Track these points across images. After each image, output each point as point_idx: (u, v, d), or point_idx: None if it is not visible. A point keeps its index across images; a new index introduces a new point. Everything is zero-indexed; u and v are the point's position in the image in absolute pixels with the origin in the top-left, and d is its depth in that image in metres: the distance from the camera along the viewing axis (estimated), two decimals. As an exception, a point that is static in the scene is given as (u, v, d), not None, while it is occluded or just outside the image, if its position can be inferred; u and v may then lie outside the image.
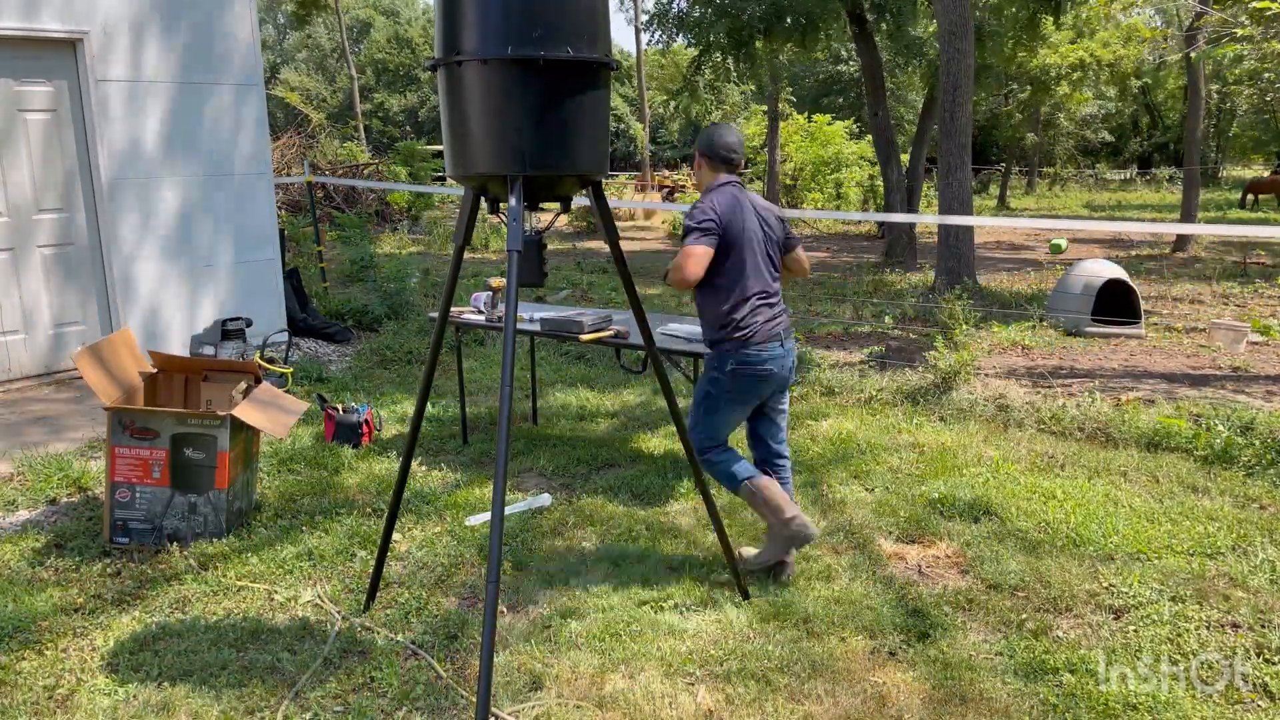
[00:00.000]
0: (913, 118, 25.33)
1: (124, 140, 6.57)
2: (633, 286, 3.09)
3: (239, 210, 7.24)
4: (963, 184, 10.60)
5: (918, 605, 3.44)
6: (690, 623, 3.32)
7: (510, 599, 3.53)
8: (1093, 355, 7.65)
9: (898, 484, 4.68)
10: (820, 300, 10.46)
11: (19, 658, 3.12)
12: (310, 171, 10.42)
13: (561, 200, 2.97)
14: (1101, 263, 8.88)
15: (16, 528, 4.19)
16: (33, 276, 6.39)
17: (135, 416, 3.95)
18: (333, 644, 3.20)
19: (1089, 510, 4.25)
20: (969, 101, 10.64)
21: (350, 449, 5.20)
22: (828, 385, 6.40)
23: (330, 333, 8.00)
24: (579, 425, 5.80)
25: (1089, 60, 24.07)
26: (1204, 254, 14.81)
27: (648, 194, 26.40)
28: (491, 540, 2.47)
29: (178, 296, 6.95)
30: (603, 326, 4.87)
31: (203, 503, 3.99)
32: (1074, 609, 3.41)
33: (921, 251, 15.12)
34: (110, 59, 6.44)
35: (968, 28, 10.54)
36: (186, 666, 3.06)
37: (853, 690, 2.92)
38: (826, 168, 21.59)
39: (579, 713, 2.83)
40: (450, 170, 2.80)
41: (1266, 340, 8.03)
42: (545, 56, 2.57)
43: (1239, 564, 3.71)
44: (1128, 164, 42.37)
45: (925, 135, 16.65)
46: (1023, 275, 12.72)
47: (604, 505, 4.41)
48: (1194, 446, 5.04)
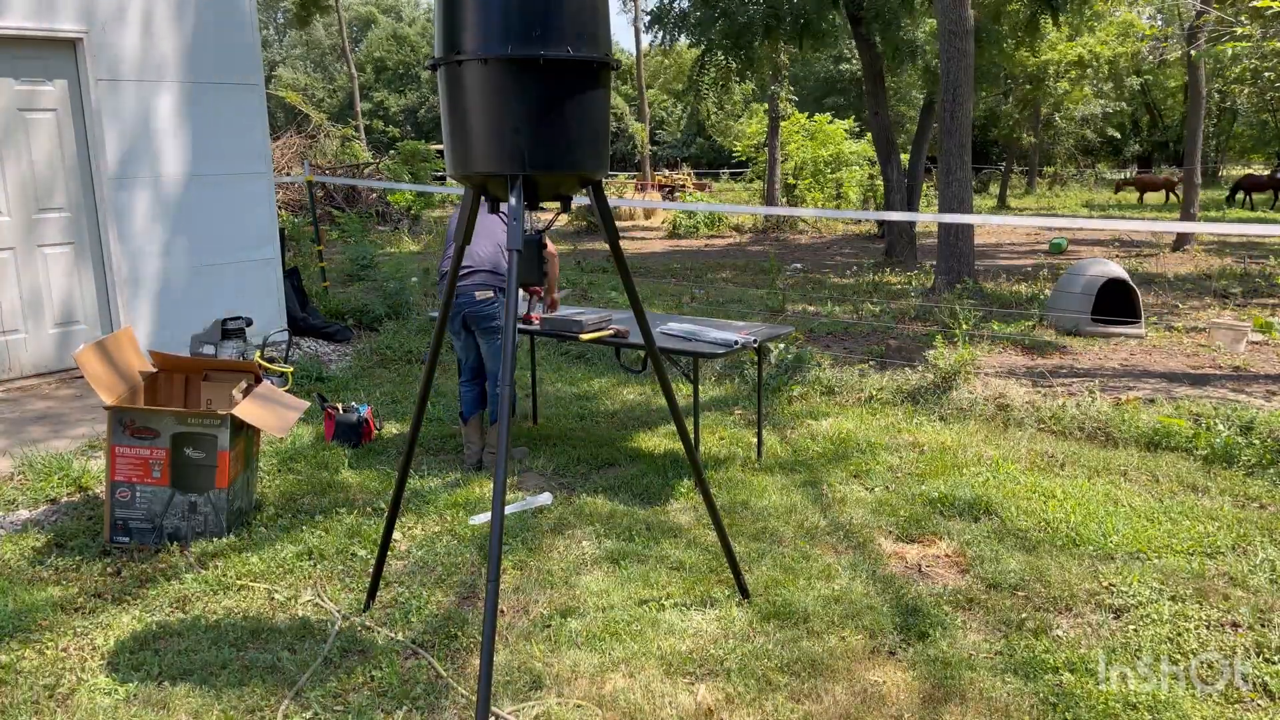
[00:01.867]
0: (913, 117, 25.35)
1: (124, 139, 6.57)
2: (632, 286, 3.09)
3: (239, 210, 7.24)
4: (963, 183, 10.60)
5: (917, 604, 3.44)
6: (690, 622, 3.32)
7: (510, 599, 3.53)
8: (1093, 355, 7.65)
9: (897, 483, 4.68)
10: (820, 300, 10.46)
11: (19, 657, 3.12)
12: (310, 171, 10.41)
13: (561, 200, 2.97)
14: (1101, 262, 8.88)
15: (16, 527, 4.20)
16: (34, 275, 6.40)
17: (135, 416, 3.95)
18: (333, 643, 3.20)
19: (1089, 510, 4.25)
20: (969, 101, 10.65)
21: (350, 448, 5.20)
22: (827, 385, 6.40)
23: (330, 332, 8.00)
24: (579, 425, 5.80)
25: (1087, 58, 24.07)
26: (1203, 253, 14.81)
27: (648, 193, 26.40)
28: (491, 540, 2.47)
29: (178, 295, 6.95)
30: (603, 326, 4.87)
31: (203, 502, 4.00)
32: (1074, 608, 3.41)
33: (921, 251, 15.12)
34: (110, 58, 6.44)
35: (968, 28, 10.54)
36: (186, 666, 3.07)
37: (852, 689, 2.92)
38: (827, 167, 21.59)
39: (579, 712, 2.83)
40: (450, 170, 2.80)
41: (1266, 340, 8.03)
42: (545, 56, 2.57)
43: (1239, 563, 3.71)
44: (1127, 163, 42.36)
45: (925, 135, 16.66)
46: (1023, 275, 12.71)
47: (604, 505, 4.41)
48: (1194, 446, 5.04)
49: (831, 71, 28.68)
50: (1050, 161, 35.44)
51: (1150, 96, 37.56)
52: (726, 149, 32.90)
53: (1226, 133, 38.20)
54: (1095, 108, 30.99)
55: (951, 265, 10.74)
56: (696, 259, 15.36)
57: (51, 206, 6.42)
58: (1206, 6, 12.34)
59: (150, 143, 6.70)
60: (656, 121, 43.61)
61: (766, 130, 23.35)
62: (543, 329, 4.98)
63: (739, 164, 34.14)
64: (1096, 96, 30.30)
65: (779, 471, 4.87)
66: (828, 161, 21.57)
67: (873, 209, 20.74)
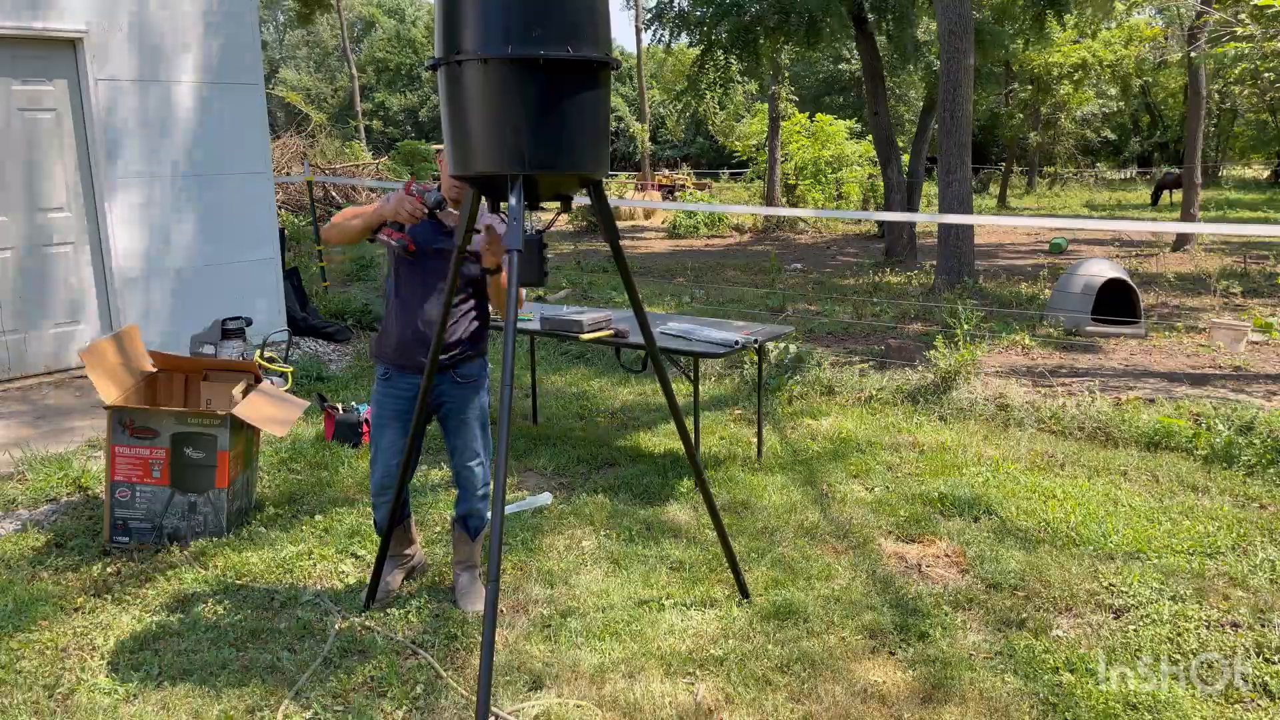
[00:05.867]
0: (913, 117, 25.34)
1: (124, 139, 6.56)
2: (633, 286, 3.09)
3: (239, 210, 7.24)
4: (963, 183, 10.60)
5: (917, 604, 3.44)
6: (690, 622, 3.32)
7: (510, 599, 3.53)
8: (1093, 355, 7.65)
9: (898, 483, 4.68)
10: (820, 300, 10.46)
11: (19, 657, 3.12)
12: (310, 171, 10.42)
13: (562, 199, 2.97)
14: (1102, 262, 8.88)
15: (17, 527, 4.19)
16: (34, 275, 6.39)
17: (135, 416, 3.95)
18: (333, 643, 3.20)
19: (1089, 510, 4.25)
20: (969, 101, 10.65)
21: (350, 448, 5.20)
22: (828, 384, 6.40)
23: (330, 332, 8.00)
24: (579, 425, 5.80)
25: (1091, 60, 24.06)
26: (1203, 252, 14.81)
27: (648, 193, 26.39)
28: (492, 540, 2.47)
29: (178, 295, 6.95)
30: (603, 326, 4.87)
31: (203, 502, 3.99)
32: (1074, 608, 3.41)
33: (921, 251, 15.12)
34: (110, 58, 6.44)
35: (968, 27, 10.54)
36: (186, 666, 3.07)
37: (852, 689, 2.92)
38: (828, 167, 21.58)
39: (579, 712, 2.83)
40: (451, 169, 2.81)
41: (1266, 340, 8.03)
42: (545, 55, 2.57)
43: (1239, 563, 3.71)
44: (1128, 163, 42.34)
45: (925, 135, 16.66)
46: (1023, 275, 12.71)
47: (604, 504, 4.41)
48: (1194, 446, 5.04)
49: (831, 71, 28.65)
50: (1051, 161, 35.42)
51: (1150, 97, 37.54)
52: (727, 149, 32.88)
53: (1226, 133, 38.16)
54: (1095, 108, 30.98)
55: (951, 265, 10.73)
56: (697, 259, 15.35)
57: (51, 206, 6.42)
58: (1206, 7, 12.33)
59: (150, 143, 6.70)
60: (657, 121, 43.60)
61: (767, 130, 23.34)
62: (543, 329, 4.98)
63: (739, 164, 34.13)
64: (1098, 98, 30.29)
65: (779, 471, 4.87)
66: (829, 161, 21.56)
67: (873, 209, 20.73)
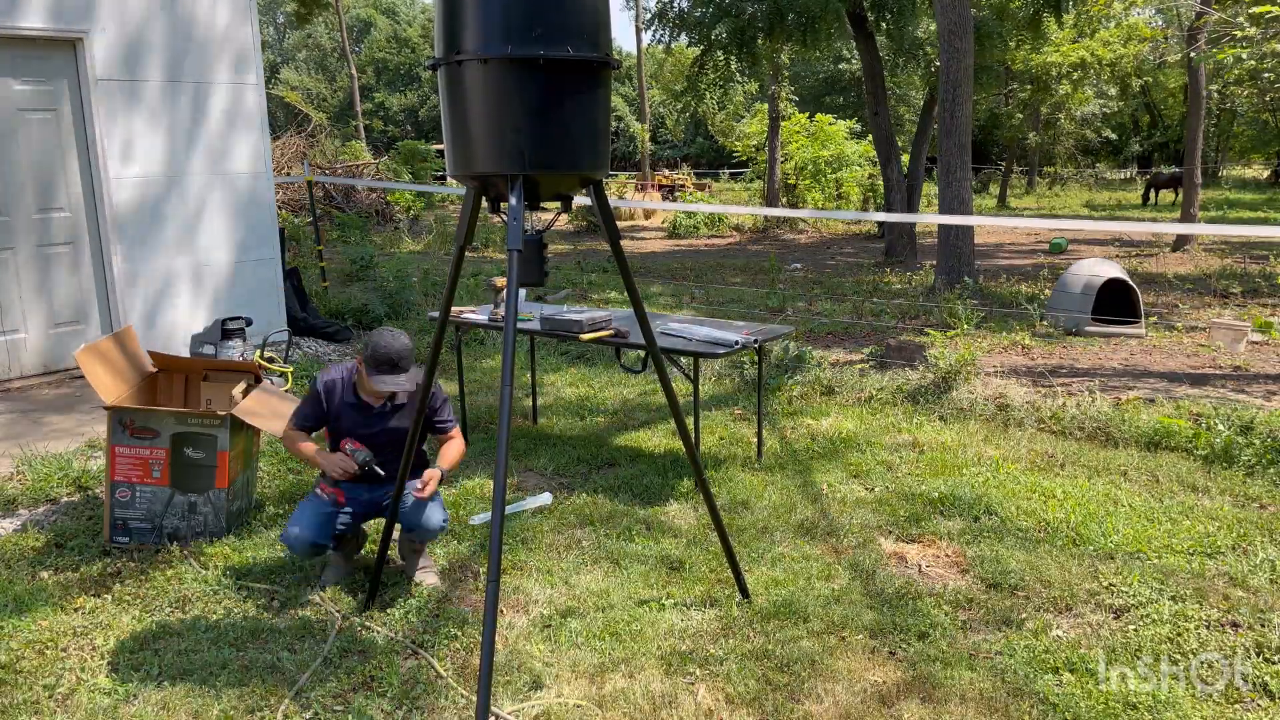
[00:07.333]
0: (913, 117, 25.35)
1: (124, 139, 6.56)
2: (633, 286, 3.09)
3: (239, 210, 7.24)
4: (963, 183, 10.60)
5: (917, 604, 3.44)
6: (690, 622, 3.32)
7: (510, 599, 3.53)
8: (1093, 355, 7.65)
9: (898, 483, 4.68)
10: (820, 300, 10.46)
11: (19, 657, 3.12)
12: (310, 171, 10.42)
13: (562, 199, 2.97)
14: (1102, 262, 8.88)
15: (16, 527, 4.19)
16: (33, 276, 6.39)
17: (135, 416, 3.95)
18: (333, 643, 3.20)
19: (1089, 510, 4.25)
20: (969, 101, 10.64)
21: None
22: (828, 384, 6.40)
23: (330, 332, 8.00)
24: (579, 424, 5.80)
25: (1090, 60, 24.05)
26: (1203, 252, 14.81)
27: (648, 193, 26.39)
28: (492, 540, 2.47)
29: (178, 295, 6.95)
30: (603, 326, 4.87)
31: (203, 502, 3.99)
32: (1074, 608, 3.41)
33: (921, 251, 15.12)
34: (110, 58, 6.44)
35: (968, 27, 10.54)
36: (186, 666, 3.06)
37: (852, 689, 2.92)
38: (828, 167, 21.59)
39: (579, 712, 2.83)
40: (451, 169, 2.80)
41: (1266, 340, 8.03)
42: (545, 55, 2.57)
43: (1239, 563, 3.71)
44: (1127, 163, 42.34)
45: (925, 135, 16.66)
46: (1023, 274, 12.71)
47: (604, 504, 4.41)
48: (1194, 446, 5.04)
49: (831, 71, 28.66)
50: (1051, 161, 35.42)
51: (1150, 96, 37.53)
52: (727, 149, 32.90)
53: (1226, 133, 38.16)
54: (1095, 108, 30.97)
55: (951, 265, 10.73)
56: (697, 259, 15.36)
57: (51, 206, 6.42)
58: (1206, 8, 12.33)
59: (150, 142, 6.70)
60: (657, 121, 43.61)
61: (767, 130, 23.34)
62: (543, 329, 4.98)
63: (739, 164, 34.14)
64: (1098, 98, 30.28)
65: (779, 471, 4.87)
66: (829, 161, 21.57)
67: (873, 209, 20.73)
